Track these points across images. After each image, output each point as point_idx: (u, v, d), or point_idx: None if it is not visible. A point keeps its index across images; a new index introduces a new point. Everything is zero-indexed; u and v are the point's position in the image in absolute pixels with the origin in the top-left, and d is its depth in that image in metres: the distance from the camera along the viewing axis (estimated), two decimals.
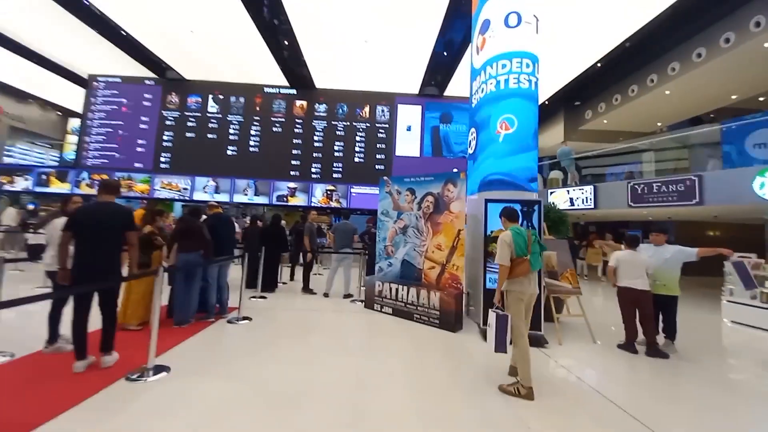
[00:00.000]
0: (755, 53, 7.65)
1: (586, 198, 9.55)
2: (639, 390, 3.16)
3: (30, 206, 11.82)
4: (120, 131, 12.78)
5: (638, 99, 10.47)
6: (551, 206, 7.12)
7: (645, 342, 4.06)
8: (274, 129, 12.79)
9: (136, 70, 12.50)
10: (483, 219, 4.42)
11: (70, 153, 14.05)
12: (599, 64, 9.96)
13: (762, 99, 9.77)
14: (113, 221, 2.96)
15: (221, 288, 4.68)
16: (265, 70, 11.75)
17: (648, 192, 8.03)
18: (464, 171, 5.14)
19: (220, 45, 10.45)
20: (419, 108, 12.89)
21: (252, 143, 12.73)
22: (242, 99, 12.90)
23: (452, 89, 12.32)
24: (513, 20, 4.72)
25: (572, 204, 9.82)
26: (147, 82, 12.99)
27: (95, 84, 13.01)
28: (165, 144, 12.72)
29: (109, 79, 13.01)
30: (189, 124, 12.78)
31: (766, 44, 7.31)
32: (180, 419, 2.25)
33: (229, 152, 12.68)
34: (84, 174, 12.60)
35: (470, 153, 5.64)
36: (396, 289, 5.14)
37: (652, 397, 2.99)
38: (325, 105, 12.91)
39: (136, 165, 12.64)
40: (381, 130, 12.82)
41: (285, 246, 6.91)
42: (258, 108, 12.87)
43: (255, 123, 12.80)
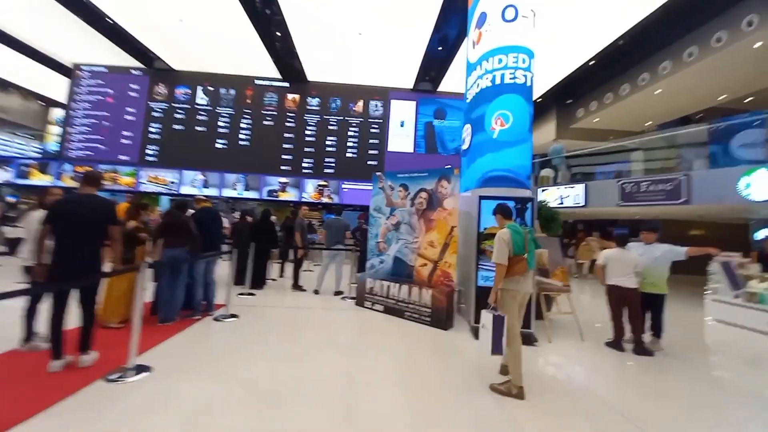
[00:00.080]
0: (745, 53, 7.73)
1: (577, 196, 9.63)
2: (627, 388, 3.19)
3: (10, 199, 11.43)
4: (105, 122, 12.42)
5: (630, 98, 10.54)
6: (543, 204, 7.16)
7: (632, 340, 4.09)
8: (265, 122, 12.57)
9: (123, 60, 12.11)
10: (476, 216, 4.39)
11: (53, 144, 13.59)
12: (592, 62, 10.00)
13: (749, 100, 9.93)
14: (95, 215, 2.84)
15: (208, 285, 4.56)
16: (257, 62, 11.52)
17: (637, 191, 8.13)
18: (458, 167, 5.09)
19: (210, 35, 10.19)
20: (413, 103, 12.80)
21: (242, 137, 12.50)
22: (232, 91, 12.63)
23: (446, 85, 12.24)
24: (510, 14, 4.66)
25: (563, 202, 9.90)
26: (133, 72, 12.63)
27: (79, 73, 12.61)
28: (152, 136, 12.41)
29: (94, 69, 12.61)
30: (177, 116, 12.49)
31: (757, 44, 7.38)
32: (162, 422, 2.16)
33: (219, 145, 12.43)
34: (67, 166, 12.24)
35: (464, 149, 5.59)
36: (387, 287, 5.09)
37: (640, 395, 3.01)
38: (318, 99, 12.72)
39: (122, 157, 12.31)
40: (374, 126, 12.71)
41: (275, 242, 6.80)
42: (249, 100, 12.63)
43: (246, 116, 12.56)
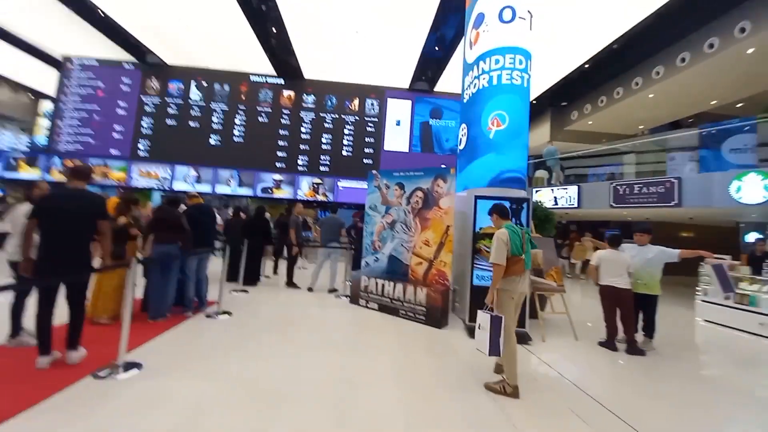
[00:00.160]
0: (737, 59, 7.85)
1: (570, 197, 9.72)
2: (621, 387, 3.22)
3: None
4: (96, 116, 12.17)
5: (623, 101, 10.67)
6: (538, 205, 7.20)
7: (625, 339, 4.13)
8: (260, 119, 12.44)
9: (115, 53, 11.88)
10: (472, 216, 4.39)
11: (42, 137, 13.30)
12: (587, 65, 10.09)
13: (740, 105, 10.11)
14: (83, 209, 2.77)
15: (200, 281, 4.50)
16: (252, 58, 11.37)
17: (630, 193, 8.22)
18: (453, 167, 5.09)
19: (205, 30, 10.04)
20: (409, 103, 12.77)
21: (236, 133, 12.36)
22: (227, 87, 12.47)
23: (443, 85, 12.25)
24: (507, 15, 4.68)
25: (556, 203, 9.97)
26: (125, 66, 12.40)
27: (70, 66, 12.33)
28: (144, 131, 12.20)
29: (85, 61, 12.35)
30: (170, 111, 12.29)
31: (749, 51, 7.50)
32: (152, 420, 2.11)
33: (212, 141, 12.27)
34: (56, 159, 11.98)
35: (460, 149, 5.60)
36: (382, 285, 5.07)
37: (633, 394, 3.05)
38: (314, 96, 12.63)
39: (113, 152, 12.09)
40: (370, 124, 12.66)
41: (269, 239, 6.74)
42: (243, 96, 12.48)
43: (240, 112, 12.42)
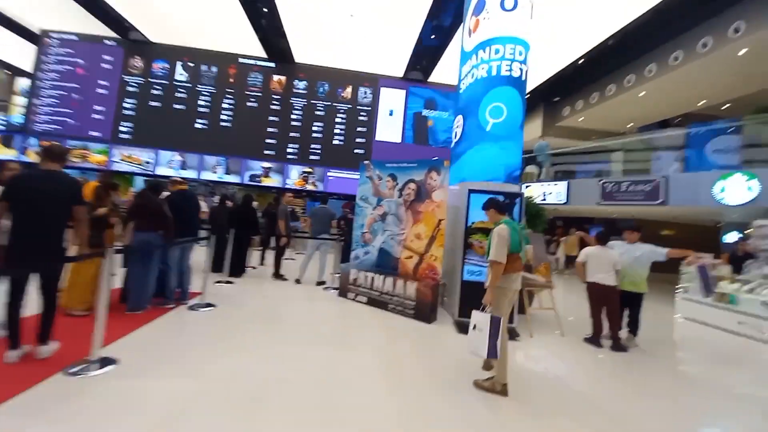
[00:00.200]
0: (728, 60, 7.91)
1: (559, 193, 9.79)
2: (607, 384, 3.27)
3: None
4: (75, 95, 11.61)
5: (615, 98, 10.70)
6: (529, 200, 7.20)
7: (610, 336, 4.18)
8: (249, 104, 12.07)
9: (96, 28, 11.28)
10: (465, 210, 4.34)
11: (18, 116, 12.64)
12: (581, 61, 10.05)
13: (726, 107, 10.26)
14: (58, 193, 2.59)
15: (183, 272, 4.34)
16: (241, 39, 10.94)
17: (617, 190, 8.31)
18: (447, 159, 5.01)
19: (192, 6, 9.59)
20: (403, 92, 12.55)
21: (224, 117, 11.98)
22: (214, 68, 12.02)
23: (437, 76, 12.05)
24: (509, 3, 4.55)
25: (545, 198, 10.03)
26: (107, 42, 11.80)
27: (48, 41, 11.68)
28: (126, 112, 11.71)
29: (64, 36, 11.71)
30: (154, 92, 11.81)
31: (742, 51, 7.55)
32: (127, 422, 1.99)
33: (198, 125, 11.87)
34: (32, 140, 11.43)
35: (456, 141, 5.50)
36: (372, 278, 5.01)
37: (617, 389, 3.11)
38: (305, 82, 12.29)
39: (93, 133, 11.59)
40: (362, 113, 12.42)
41: (256, 228, 6.57)
42: (232, 80, 12.07)
43: (228, 96, 12.01)
